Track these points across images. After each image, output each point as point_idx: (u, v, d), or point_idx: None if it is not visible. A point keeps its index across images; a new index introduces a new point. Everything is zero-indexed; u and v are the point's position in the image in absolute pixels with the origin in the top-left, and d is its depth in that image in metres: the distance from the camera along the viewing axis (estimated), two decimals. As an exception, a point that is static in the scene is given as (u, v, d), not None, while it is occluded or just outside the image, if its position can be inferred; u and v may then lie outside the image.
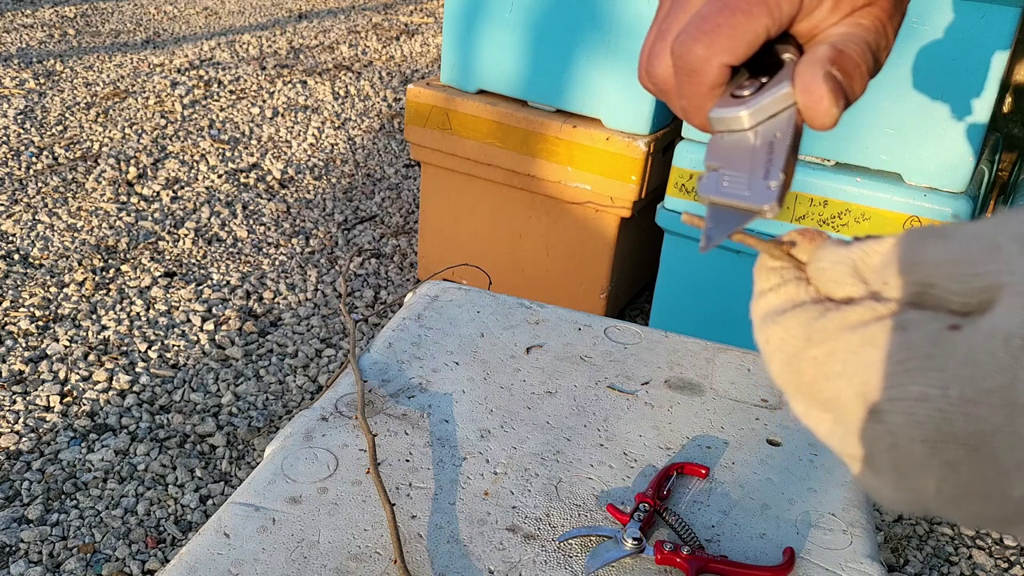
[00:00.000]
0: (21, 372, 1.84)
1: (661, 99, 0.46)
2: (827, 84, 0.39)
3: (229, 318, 2.09)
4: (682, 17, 0.42)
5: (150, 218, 2.51)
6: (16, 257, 2.25)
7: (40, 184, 2.63)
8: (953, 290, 0.25)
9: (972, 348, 0.24)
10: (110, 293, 2.14)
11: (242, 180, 2.78)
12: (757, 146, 0.41)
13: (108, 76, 3.51)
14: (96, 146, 2.91)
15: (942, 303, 0.26)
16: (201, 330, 2.04)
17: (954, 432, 0.24)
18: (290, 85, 3.63)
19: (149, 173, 2.77)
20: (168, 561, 0.89)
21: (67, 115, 3.12)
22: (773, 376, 0.31)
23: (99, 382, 1.84)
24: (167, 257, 2.33)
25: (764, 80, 0.41)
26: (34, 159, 2.78)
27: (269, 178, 2.82)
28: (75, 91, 3.33)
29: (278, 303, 2.18)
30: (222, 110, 3.30)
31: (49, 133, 2.97)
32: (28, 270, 2.20)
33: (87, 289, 2.15)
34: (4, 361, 1.87)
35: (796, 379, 0.29)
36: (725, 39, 0.41)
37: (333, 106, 3.45)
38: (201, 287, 2.20)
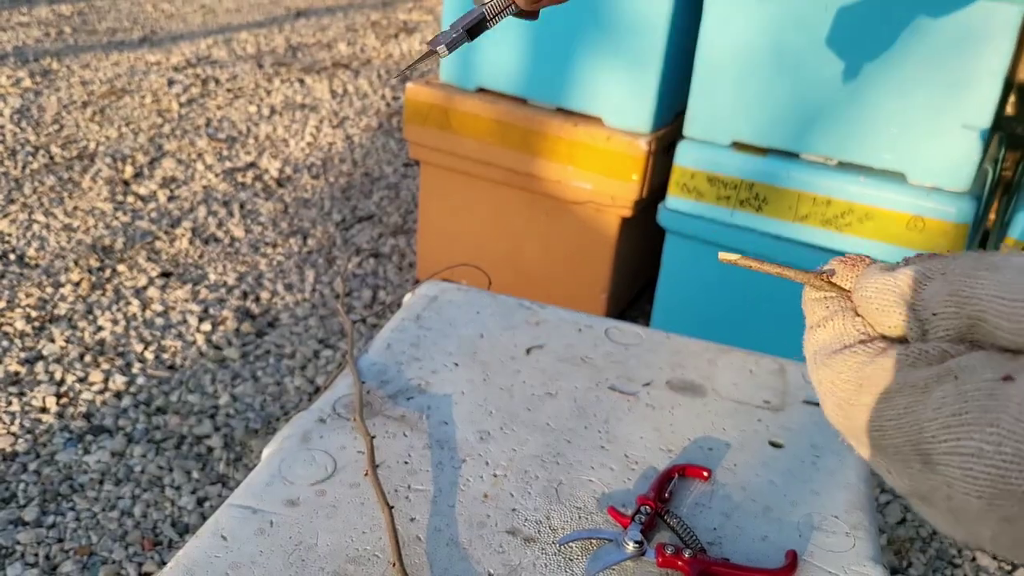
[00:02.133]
0: (17, 373, 1.83)
1: None
2: None
3: (226, 319, 2.08)
4: None
5: (146, 218, 2.49)
6: (12, 257, 2.24)
7: (36, 183, 2.62)
8: (1004, 327, 0.25)
9: None
10: (106, 293, 2.13)
11: (239, 179, 2.77)
12: (472, 14, 0.63)
13: (104, 74, 3.50)
14: (92, 145, 2.90)
15: (992, 338, 0.26)
16: (198, 331, 2.03)
17: (1010, 489, 0.24)
18: (288, 83, 3.62)
19: (145, 172, 2.76)
20: (165, 563, 0.88)
21: (63, 114, 3.10)
22: (827, 415, 0.31)
23: (95, 383, 1.83)
24: (163, 257, 2.32)
25: None
26: (30, 158, 2.77)
27: (266, 177, 2.81)
28: (71, 89, 3.32)
29: (275, 303, 2.17)
30: (219, 108, 3.29)
31: (45, 132, 2.95)
32: (24, 270, 2.19)
33: (83, 289, 2.14)
34: (0, 362, 1.86)
35: (848, 423, 0.29)
36: None
37: (331, 104, 3.44)
38: (198, 287, 2.19)
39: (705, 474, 0.72)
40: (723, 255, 0.39)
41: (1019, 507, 0.24)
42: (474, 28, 0.68)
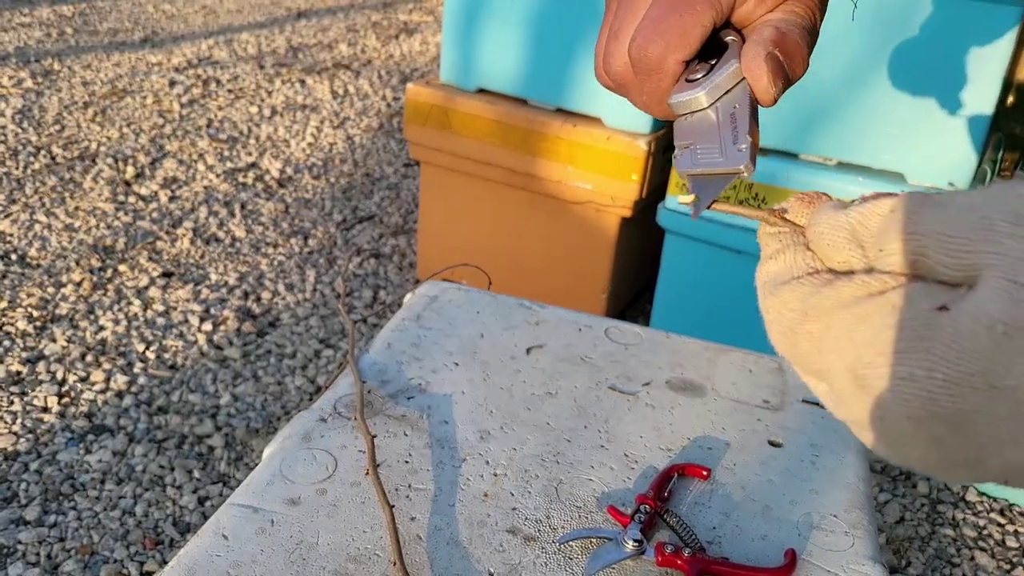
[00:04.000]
0: (18, 373, 1.84)
1: (619, 94, 0.50)
2: (768, 64, 0.43)
3: (227, 318, 2.08)
4: (631, 17, 0.46)
5: (148, 218, 2.50)
6: (13, 257, 2.25)
7: (37, 184, 2.62)
8: (944, 263, 0.26)
9: (957, 331, 0.25)
10: (108, 293, 2.14)
11: (240, 180, 2.78)
12: (720, 119, 0.45)
13: (106, 75, 3.50)
14: (94, 145, 2.90)
15: (933, 272, 0.27)
16: (199, 330, 2.03)
17: (938, 411, 0.25)
18: (289, 84, 3.62)
19: (147, 173, 2.76)
20: (166, 563, 0.89)
21: (65, 114, 3.11)
22: (772, 344, 0.33)
23: (97, 383, 1.83)
24: (165, 257, 2.32)
25: (713, 62, 0.45)
26: (31, 158, 2.77)
27: (267, 177, 2.81)
28: (73, 90, 3.32)
29: (276, 303, 2.17)
30: (220, 109, 3.30)
31: (47, 132, 2.96)
32: (25, 270, 2.20)
33: (85, 289, 2.14)
34: (1, 362, 1.86)
35: (792, 350, 0.31)
36: (678, 37, 0.44)
37: (332, 105, 3.44)
38: (199, 287, 2.20)
39: (704, 473, 0.72)
40: (681, 198, 0.41)
41: (946, 428, 0.25)
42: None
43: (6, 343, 1.92)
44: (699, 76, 0.45)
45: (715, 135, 0.45)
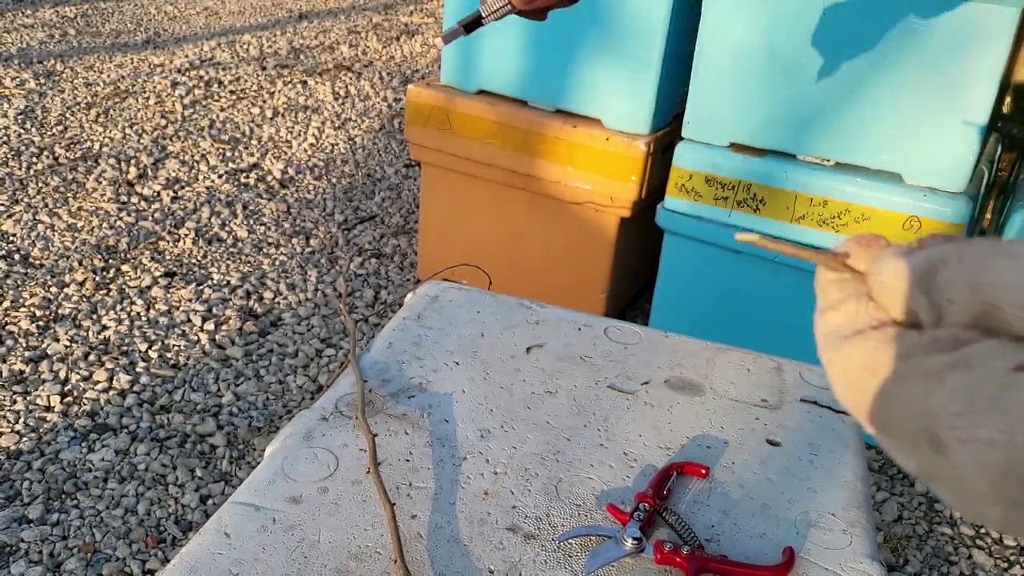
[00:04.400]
0: (22, 372, 1.84)
1: None
2: None
3: (229, 318, 2.09)
4: None
5: (150, 218, 2.51)
6: (17, 257, 2.25)
7: (40, 184, 2.63)
8: (1020, 316, 0.25)
9: None
10: (110, 293, 2.14)
11: (242, 180, 2.78)
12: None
13: (108, 76, 3.51)
14: (96, 146, 2.91)
15: (1006, 327, 0.26)
16: (201, 330, 2.04)
17: (1021, 474, 0.24)
18: (290, 85, 3.63)
19: (149, 173, 2.77)
20: (168, 561, 0.89)
21: (67, 115, 3.12)
22: (836, 396, 0.31)
23: (99, 382, 1.84)
24: (167, 257, 2.33)
25: None
26: (34, 159, 2.78)
27: (269, 178, 2.82)
28: (75, 91, 3.33)
29: (278, 303, 2.18)
30: (222, 110, 3.30)
31: (49, 133, 2.97)
32: (28, 270, 2.20)
33: (87, 289, 2.15)
34: (5, 361, 1.87)
35: (859, 407, 0.29)
36: None
37: (333, 106, 3.45)
38: (201, 287, 2.20)
39: (703, 472, 0.72)
40: (740, 235, 0.38)
41: None
42: (470, 24, 0.80)
43: (9, 342, 1.93)
44: None
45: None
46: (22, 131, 2.96)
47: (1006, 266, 0.26)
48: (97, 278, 2.19)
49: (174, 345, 1.98)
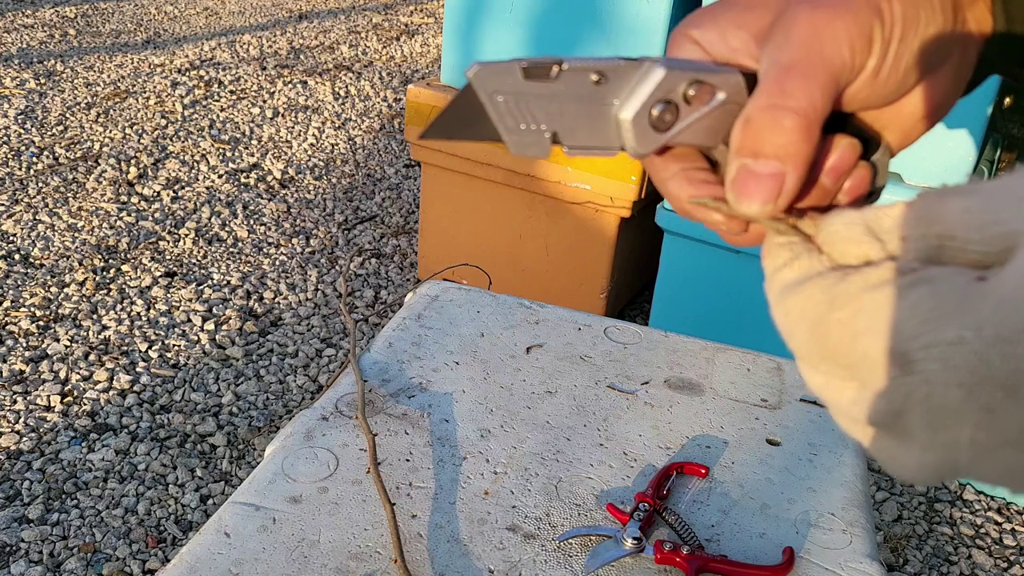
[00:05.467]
0: (22, 372, 1.84)
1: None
2: (743, 192, 0.35)
3: (229, 318, 2.09)
4: None
5: (151, 218, 2.51)
6: (17, 257, 2.25)
7: (41, 184, 2.63)
8: (973, 239, 0.25)
9: (1004, 292, 0.23)
10: (111, 293, 2.14)
11: (242, 180, 2.79)
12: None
13: (109, 76, 3.51)
14: (97, 146, 2.91)
15: (960, 257, 0.26)
16: (202, 330, 2.04)
17: (991, 373, 0.23)
18: (290, 85, 3.63)
19: (150, 173, 2.77)
20: (168, 560, 0.89)
21: (68, 115, 3.12)
22: (796, 348, 0.30)
23: (100, 382, 1.84)
24: (168, 257, 2.33)
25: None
26: (35, 159, 2.78)
27: (269, 178, 2.82)
28: (76, 91, 3.33)
29: (278, 303, 2.18)
30: (223, 110, 3.30)
31: (50, 133, 2.97)
32: (29, 270, 2.20)
33: (88, 289, 2.15)
34: (5, 361, 1.87)
35: (821, 345, 0.28)
36: None
37: (333, 106, 3.45)
38: (202, 287, 2.21)
39: (703, 472, 0.73)
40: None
41: (1001, 393, 0.23)
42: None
43: (9, 342, 1.93)
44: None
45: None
46: (22, 131, 2.96)
47: (957, 201, 0.26)
48: (97, 278, 2.19)
49: (174, 345, 1.98)
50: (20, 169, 2.71)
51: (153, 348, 1.96)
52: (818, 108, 0.33)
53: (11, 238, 2.33)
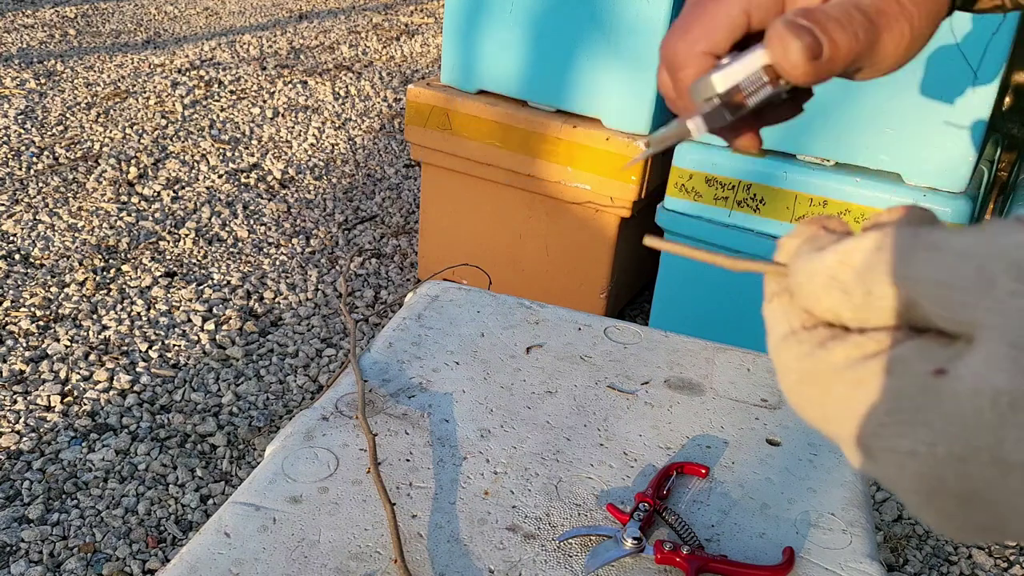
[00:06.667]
0: (22, 372, 1.85)
1: (672, 109, 0.47)
2: (791, 31, 0.39)
3: (230, 318, 2.09)
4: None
5: (151, 218, 2.51)
6: (17, 257, 2.25)
7: (41, 184, 2.63)
8: (940, 315, 0.25)
9: (959, 404, 0.23)
10: (111, 293, 2.14)
11: (243, 180, 2.79)
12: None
13: (109, 76, 3.51)
14: (97, 146, 2.91)
15: (927, 321, 0.25)
16: (202, 330, 2.04)
17: (945, 488, 0.24)
18: (290, 85, 3.63)
19: (150, 173, 2.77)
20: (169, 560, 0.89)
21: (68, 115, 3.12)
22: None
23: (100, 382, 1.84)
24: (168, 257, 2.33)
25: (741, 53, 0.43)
26: (35, 159, 2.78)
27: (270, 178, 2.82)
28: (76, 91, 3.33)
29: (279, 303, 2.18)
30: (223, 110, 3.30)
31: (50, 133, 2.97)
32: (29, 270, 2.20)
33: (88, 289, 2.15)
34: (5, 361, 1.87)
35: (799, 410, 0.29)
36: (699, 28, 0.43)
37: (333, 106, 3.45)
38: (202, 287, 2.21)
39: (703, 472, 0.73)
40: (648, 239, 0.37)
41: (956, 504, 0.24)
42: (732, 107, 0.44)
43: (9, 342, 1.93)
44: (725, 61, 0.43)
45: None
46: (22, 131, 2.96)
47: (926, 260, 0.25)
48: (97, 278, 2.19)
49: (174, 345, 1.98)
50: (20, 169, 2.71)
51: (153, 348, 1.96)
52: None
53: (11, 238, 2.33)
